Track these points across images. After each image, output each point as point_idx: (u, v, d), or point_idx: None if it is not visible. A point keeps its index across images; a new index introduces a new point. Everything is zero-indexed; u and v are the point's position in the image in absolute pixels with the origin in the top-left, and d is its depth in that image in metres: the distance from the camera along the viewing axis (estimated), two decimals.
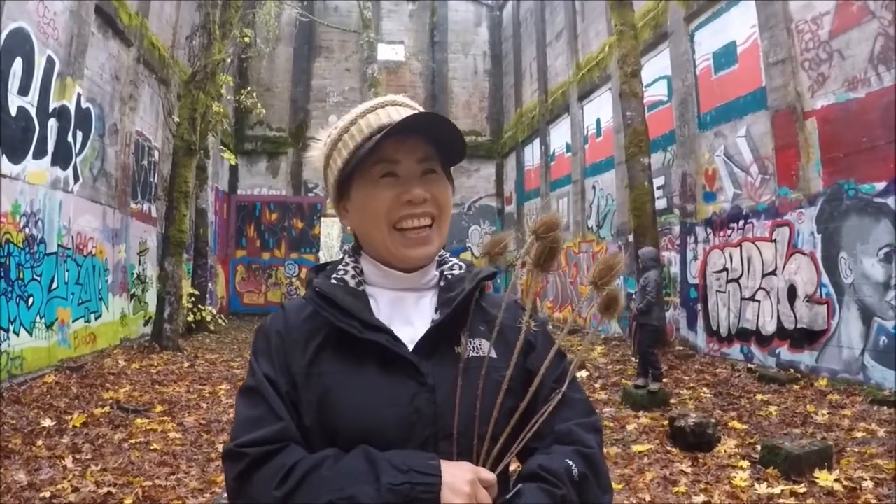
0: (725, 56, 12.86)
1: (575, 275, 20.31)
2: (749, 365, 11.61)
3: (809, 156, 10.54)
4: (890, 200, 9.07)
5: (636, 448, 7.18)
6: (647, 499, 5.71)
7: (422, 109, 1.48)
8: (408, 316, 1.45)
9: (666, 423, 7.84)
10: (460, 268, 1.56)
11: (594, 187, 19.05)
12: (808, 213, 10.53)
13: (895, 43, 8.99)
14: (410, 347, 1.37)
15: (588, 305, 1.46)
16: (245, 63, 25.29)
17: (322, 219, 27.23)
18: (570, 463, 1.33)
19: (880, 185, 9.24)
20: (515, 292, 1.71)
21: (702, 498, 5.63)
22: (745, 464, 6.40)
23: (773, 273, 11.39)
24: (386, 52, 28.10)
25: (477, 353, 1.41)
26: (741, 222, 12.31)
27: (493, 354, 1.40)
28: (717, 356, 12.75)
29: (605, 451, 6.98)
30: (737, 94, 12.50)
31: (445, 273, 1.54)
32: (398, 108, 1.47)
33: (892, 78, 9.10)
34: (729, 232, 12.70)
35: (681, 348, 13.63)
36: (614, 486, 5.87)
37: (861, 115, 9.60)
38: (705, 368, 11.82)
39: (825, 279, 10.19)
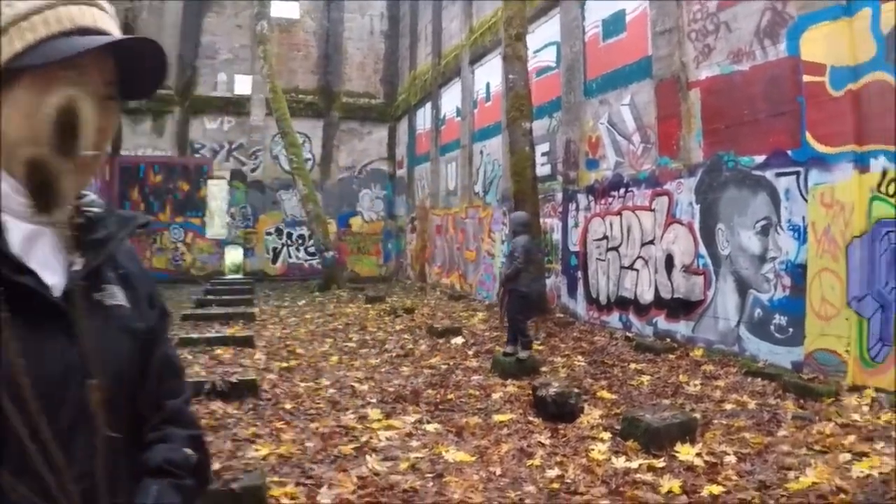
0: (614, 24, 12.42)
1: (462, 240, 19.83)
2: (627, 333, 11.37)
3: (691, 126, 10.24)
4: (768, 174, 8.85)
5: (497, 418, 6.82)
6: (498, 472, 5.30)
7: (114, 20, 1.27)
8: (45, 256, 1.20)
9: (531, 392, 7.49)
10: (99, 206, 1.34)
11: (482, 152, 18.51)
12: (688, 184, 10.26)
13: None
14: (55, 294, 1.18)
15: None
16: (130, 16, 23.29)
17: (209, 181, 25.78)
18: (190, 453, 1.33)
19: (760, 158, 9.00)
20: (405, 257, 1.02)
21: (556, 471, 5.27)
22: (607, 436, 6.10)
23: (652, 242, 11.11)
24: (280, 9, 26.57)
25: (114, 301, 1.29)
26: (622, 191, 11.98)
27: (127, 304, 1.31)
28: (596, 324, 12.48)
29: (465, 420, 5.99)
30: (623, 63, 12.09)
31: (83, 209, 1.30)
32: (103, 14, 1.25)
33: (776, 52, 8.85)
34: (610, 200, 12.34)
35: (561, 315, 13.33)
36: (468, 457, 5.63)
37: (744, 88, 9.31)
38: (584, 336, 11.53)
39: (702, 250, 9.97)
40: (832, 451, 5.53)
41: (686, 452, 5.49)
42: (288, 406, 7.28)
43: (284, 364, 9.59)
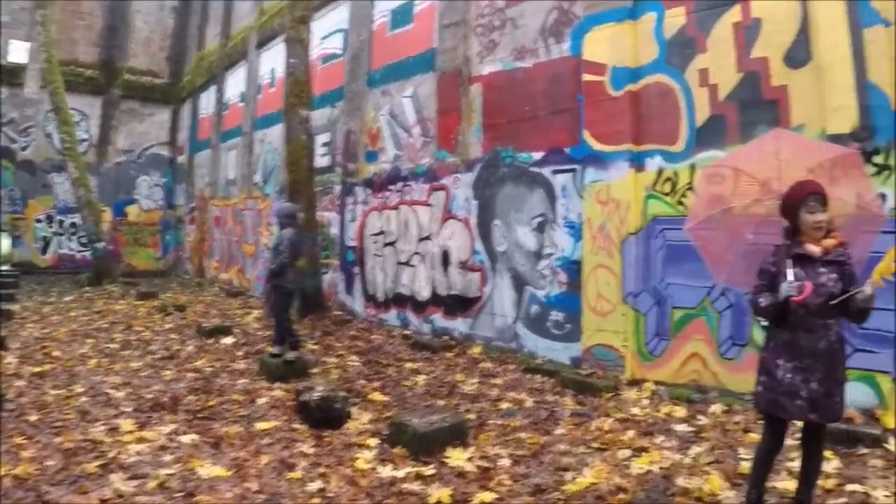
0: (403, 14, 11.48)
1: (240, 233, 18.04)
2: (405, 331, 10.48)
3: (471, 121, 9.52)
4: (546, 170, 8.31)
5: (260, 426, 5.95)
6: (255, 488, 4.58)
7: None
8: None
9: None
10: None
11: (262, 141, 16.89)
12: (465, 179, 9.53)
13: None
14: None
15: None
16: None
17: None
18: None
19: (538, 155, 8.44)
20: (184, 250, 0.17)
21: (318, 484, 4.65)
22: (374, 442, 5.47)
23: (429, 238, 10.29)
24: None
25: None
26: (400, 184, 11.07)
27: None
28: (374, 322, 11.46)
29: (225, 429, 5.90)
30: (408, 54, 11.19)
31: None
32: None
33: (560, 50, 8.32)
34: (387, 194, 11.41)
35: (339, 313, 12.15)
36: (224, 472, 4.86)
37: (526, 85, 8.70)
38: (361, 335, 10.50)
39: (479, 246, 9.31)
40: (611, 448, 5.26)
41: (457, 458, 5.02)
42: (33, 418, 6.13)
43: (37, 369, 8.11)
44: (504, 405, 6.56)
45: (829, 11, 6.07)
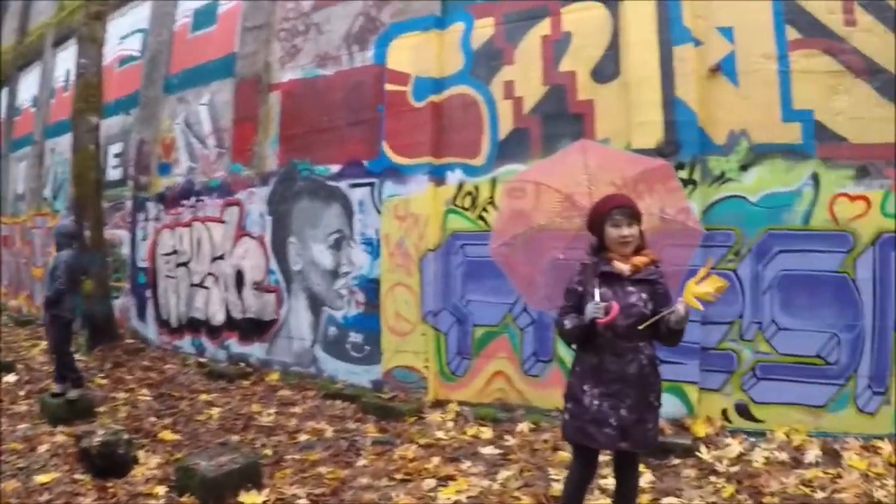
0: (206, 14, 10.13)
1: (29, 254, 15.52)
2: (200, 359, 9.14)
3: (268, 131, 8.47)
4: (343, 184, 7.44)
5: (39, 479, 5.02)
6: None
7: None
8: None
9: None
10: None
11: (53, 150, 14.68)
12: (260, 193, 8.45)
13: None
14: None
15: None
16: None
17: None
18: None
19: (335, 168, 7.56)
20: None
21: None
22: (162, 490, 4.70)
23: (222, 257, 9.06)
24: None
25: None
26: (193, 199, 9.72)
27: None
28: (169, 350, 9.95)
29: (2, 485, 4.92)
30: (208, 58, 9.87)
31: None
32: None
33: (363, 59, 7.54)
34: (180, 210, 9.99)
35: (132, 341, 10.43)
36: None
37: (326, 94, 7.80)
38: (154, 365, 9.11)
39: (274, 265, 8.26)
40: (416, 479, 4.87)
41: (251, 502, 4.48)
42: None
43: None
44: (303, 437, 5.92)
45: (640, 28, 5.86)
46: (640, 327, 3.04)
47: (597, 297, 3.06)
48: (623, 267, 3.14)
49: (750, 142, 5.60)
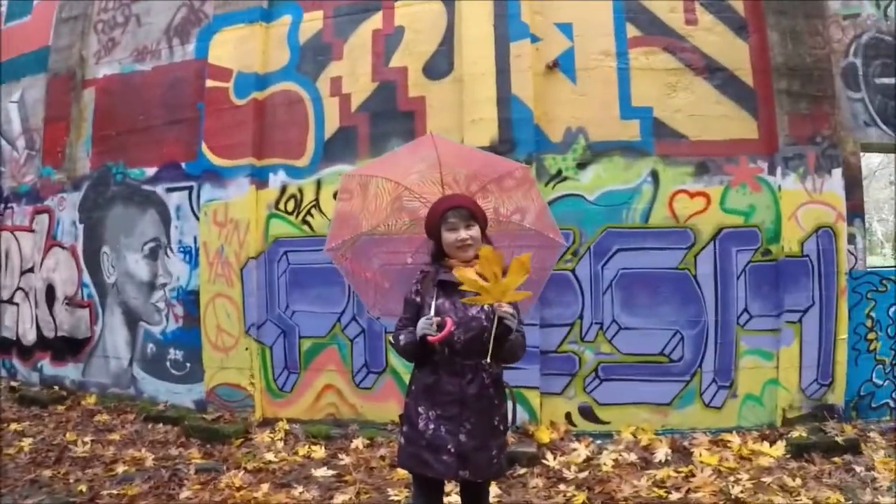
0: (22, 4, 8.75)
1: None
2: (13, 383, 7.79)
3: (81, 132, 7.35)
4: (159, 188, 6.51)
5: None
6: None
7: None
8: None
9: None
10: None
11: None
12: (71, 199, 7.29)
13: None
14: None
15: None
16: None
17: None
18: None
19: (151, 171, 6.61)
20: None
21: None
22: None
23: (32, 270, 7.81)
24: None
25: None
26: (1, 207, 8.37)
27: None
28: None
29: None
30: (21, 51, 8.54)
31: None
32: None
33: (184, 53, 6.65)
34: None
35: None
36: None
37: (143, 91, 6.81)
38: None
39: (87, 278, 7.14)
40: None
41: None
42: None
43: None
44: (121, 468, 5.04)
45: (475, 23, 5.46)
46: (488, 342, 2.59)
47: (431, 311, 2.65)
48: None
49: (588, 139, 5.37)
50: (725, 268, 5.34)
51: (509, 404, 2.86)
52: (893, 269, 6.20)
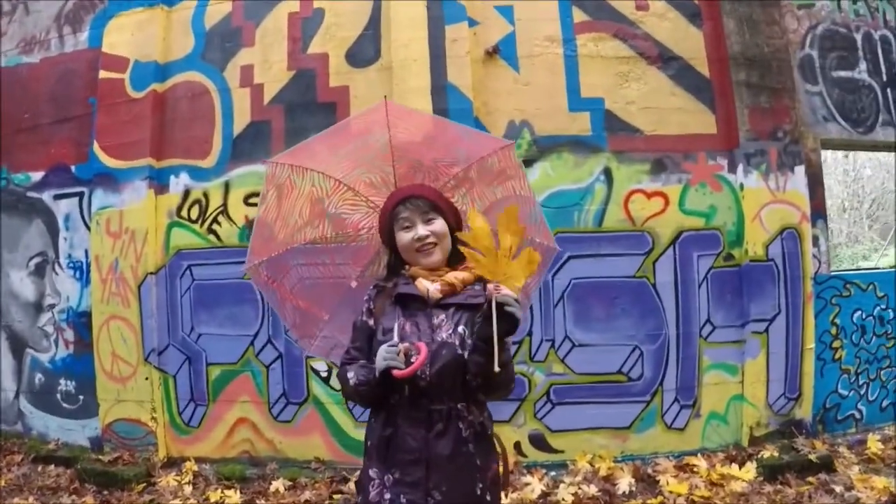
0: None
1: None
2: None
3: None
4: (46, 195, 5.26)
5: None
6: None
7: None
8: None
9: None
10: None
11: None
12: None
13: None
14: None
15: None
16: None
17: None
18: None
19: (37, 176, 5.35)
20: None
21: None
22: None
23: None
24: None
25: None
26: None
27: None
28: None
29: None
30: None
31: None
32: None
33: (76, 42, 5.44)
34: None
35: None
36: None
37: (30, 86, 5.53)
38: None
39: None
40: None
41: None
42: None
43: None
44: None
45: (406, 5, 4.51)
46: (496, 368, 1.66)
47: (395, 335, 1.80)
48: (430, 287, 1.86)
49: (533, 133, 4.50)
50: (686, 275, 4.55)
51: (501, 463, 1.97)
52: (856, 272, 5.52)
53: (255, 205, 4.56)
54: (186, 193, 4.73)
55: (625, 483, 4.04)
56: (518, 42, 4.62)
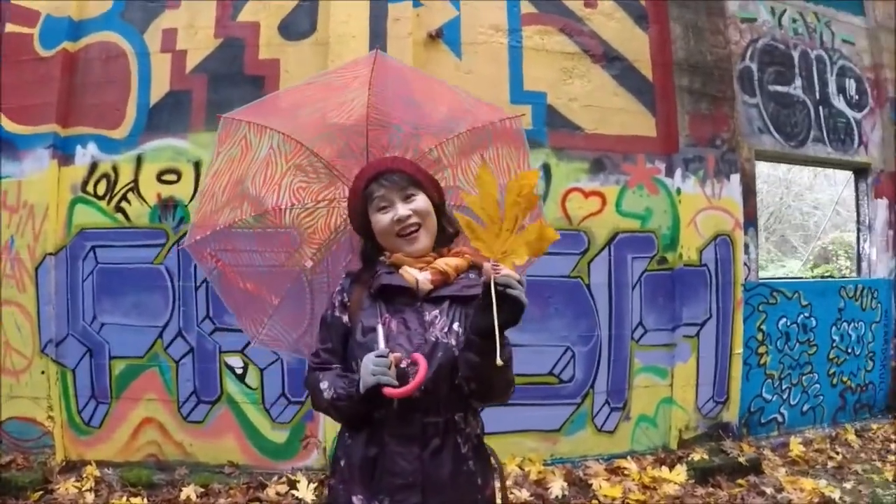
0: None
1: None
2: None
3: None
4: None
5: None
6: None
7: None
8: None
9: None
10: None
11: None
12: None
13: None
14: None
15: None
16: None
17: None
18: None
19: None
20: None
21: None
22: None
23: None
24: None
25: None
26: None
27: None
28: None
29: None
30: None
31: None
32: None
33: None
34: None
35: None
36: None
37: None
38: None
39: None
40: None
41: None
42: None
43: None
44: None
45: None
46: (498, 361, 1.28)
47: (380, 340, 1.40)
48: (419, 277, 1.48)
49: None
50: (620, 277, 4.31)
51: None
52: (783, 280, 5.41)
53: (170, 182, 4.03)
54: (94, 166, 4.07)
55: (557, 487, 3.79)
56: (462, 28, 4.24)
